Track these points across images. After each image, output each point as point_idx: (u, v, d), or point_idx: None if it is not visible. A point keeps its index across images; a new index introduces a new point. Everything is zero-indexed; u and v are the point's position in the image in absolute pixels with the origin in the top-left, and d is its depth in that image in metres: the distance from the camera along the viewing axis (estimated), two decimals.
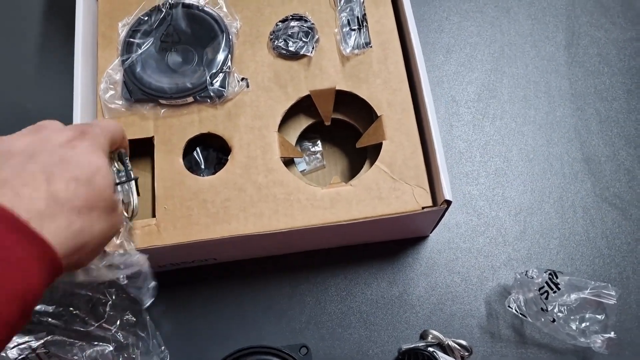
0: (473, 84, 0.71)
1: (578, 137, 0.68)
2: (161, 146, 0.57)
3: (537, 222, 0.65)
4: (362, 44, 0.59)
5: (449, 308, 0.62)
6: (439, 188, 0.52)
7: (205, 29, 0.60)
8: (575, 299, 0.57)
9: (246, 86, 0.58)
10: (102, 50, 0.61)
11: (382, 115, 0.56)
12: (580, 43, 0.73)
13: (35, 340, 0.52)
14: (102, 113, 0.58)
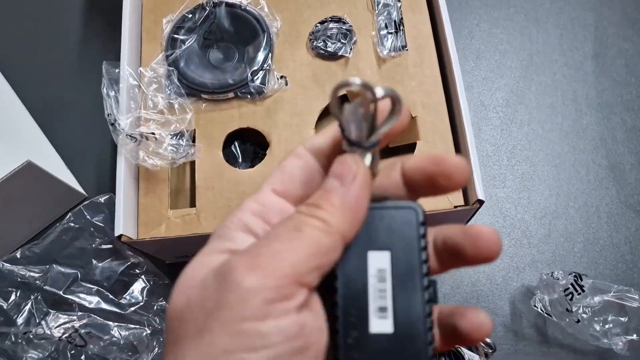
0: (502, 90, 0.73)
1: (604, 145, 0.70)
2: (202, 139, 0.59)
3: (562, 225, 0.66)
4: (399, 47, 0.61)
5: (474, 305, 0.63)
6: (471, 188, 0.53)
7: (247, 28, 0.62)
8: (598, 302, 0.59)
9: (285, 84, 0.60)
10: (146, 44, 0.63)
11: (416, 116, 0.58)
12: (608, 54, 0.74)
13: (77, 320, 0.54)
14: (146, 105, 0.60)
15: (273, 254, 0.23)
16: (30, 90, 0.74)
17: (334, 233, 0.24)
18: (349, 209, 0.25)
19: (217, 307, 0.22)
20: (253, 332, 0.21)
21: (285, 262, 0.23)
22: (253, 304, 0.22)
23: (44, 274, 0.57)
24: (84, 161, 0.70)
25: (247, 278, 0.22)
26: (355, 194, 0.25)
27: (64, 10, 0.80)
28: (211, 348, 0.22)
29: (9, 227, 0.60)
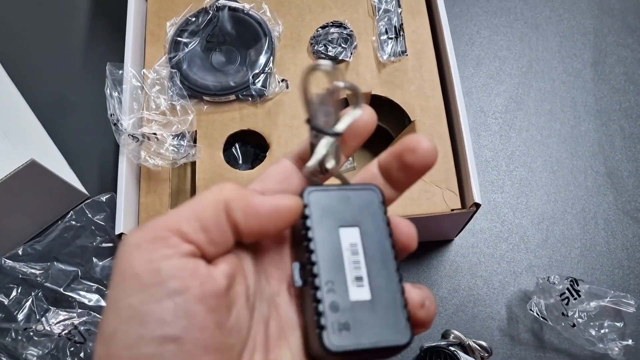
0: (501, 96, 0.73)
1: (602, 152, 0.70)
2: (203, 140, 0.60)
3: (559, 231, 0.67)
4: (399, 52, 0.62)
5: (471, 310, 0.64)
6: (468, 192, 0.54)
7: (250, 32, 0.63)
8: (595, 307, 0.59)
9: (286, 87, 0.61)
10: (149, 47, 0.64)
11: (415, 120, 0.59)
12: (607, 61, 0.75)
13: (77, 317, 0.54)
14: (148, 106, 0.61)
15: (162, 217, 0.24)
16: (35, 90, 0.75)
17: (219, 204, 0.25)
18: (251, 200, 0.26)
19: (114, 269, 0.24)
20: (133, 278, 0.23)
21: (168, 219, 0.24)
22: (133, 256, 0.23)
23: (45, 271, 0.58)
24: (87, 161, 0.71)
25: (131, 237, 0.24)
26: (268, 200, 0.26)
27: (70, 13, 0.82)
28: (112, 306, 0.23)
29: (12, 225, 0.60)
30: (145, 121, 0.59)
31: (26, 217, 0.62)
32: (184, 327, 0.22)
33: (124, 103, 0.58)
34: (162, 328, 0.22)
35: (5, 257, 0.59)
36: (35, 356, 0.57)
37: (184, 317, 0.22)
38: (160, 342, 0.22)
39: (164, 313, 0.22)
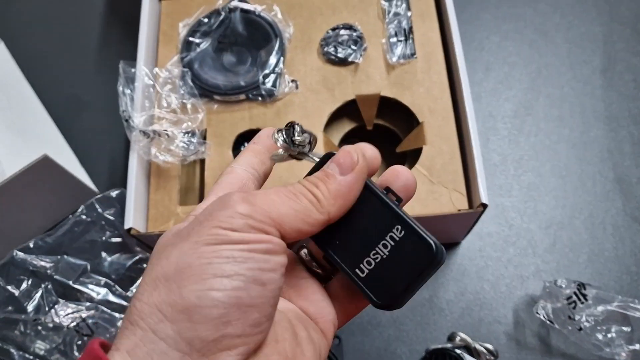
0: (510, 101, 0.73)
1: (611, 158, 0.70)
2: (213, 138, 0.60)
3: (567, 236, 0.66)
4: (408, 54, 0.62)
5: (477, 313, 0.64)
6: (475, 193, 0.54)
7: (261, 33, 0.64)
8: (602, 311, 0.59)
9: (295, 87, 0.62)
10: (162, 47, 0.65)
11: (423, 122, 0.59)
12: (616, 68, 0.75)
13: (85, 311, 0.55)
14: (159, 104, 0.62)
15: (268, 200, 0.26)
16: (49, 90, 0.77)
17: (323, 213, 0.27)
18: (341, 196, 0.28)
19: (207, 218, 0.25)
20: (233, 237, 0.24)
21: (275, 208, 0.26)
22: (238, 223, 0.25)
23: (55, 264, 0.59)
24: (98, 159, 0.72)
25: (241, 205, 0.25)
26: (349, 184, 0.28)
27: (85, 15, 0.83)
28: (195, 245, 0.24)
29: (24, 219, 0.61)
30: (156, 119, 0.59)
31: (38, 212, 0.63)
32: (270, 278, 0.25)
33: (135, 100, 0.59)
34: (255, 271, 0.24)
35: (16, 249, 0.59)
36: (43, 350, 0.57)
37: (271, 270, 0.25)
38: (251, 281, 0.24)
39: (243, 276, 0.24)
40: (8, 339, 0.57)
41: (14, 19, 0.84)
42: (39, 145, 0.69)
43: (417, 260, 0.28)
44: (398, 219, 0.28)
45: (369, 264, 0.28)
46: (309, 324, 0.29)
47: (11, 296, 0.57)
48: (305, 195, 0.27)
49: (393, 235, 0.28)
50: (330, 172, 0.28)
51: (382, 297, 0.28)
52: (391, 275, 0.28)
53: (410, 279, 0.28)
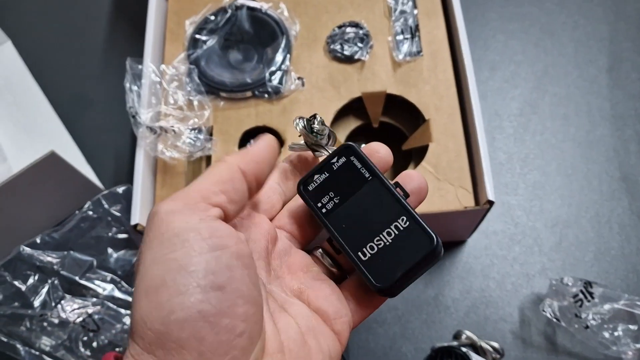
0: (516, 100, 0.73)
1: (617, 157, 0.70)
2: (219, 135, 0.61)
3: (573, 235, 0.66)
4: (414, 52, 0.62)
5: (483, 312, 0.64)
6: (482, 190, 0.54)
7: (267, 31, 0.64)
8: (608, 310, 0.58)
9: (302, 85, 0.62)
10: (169, 44, 0.65)
11: (429, 119, 0.59)
12: (622, 67, 0.75)
13: (91, 306, 0.55)
14: (166, 101, 0.62)
15: (181, 190, 0.27)
16: (56, 88, 0.77)
17: (231, 165, 0.28)
18: (249, 153, 0.29)
19: (146, 234, 0.26)
20: (175, 237, 0.25)
21: (193, 189, 0.27)
22: (169, 220, 0.25)
23: (62, 259, 0.59)
24: (104, 157, 0.73)
25: (163, 206, 0.26)
26: (257, 146, 0.30)
27: (91, 14, 0.83)
28: (152, 258, 0.25)
29: (30, 215, 0.62)
30: (162, 115, 0.60)
31: (44, 208, 0.63)
32: (227, 277, 0.25)
33: (142, 97, 0.59)
34: (209, 277, 0.24)
35: (23, 244, 0.60)
36: (49, 346, 0.57)
37: (226, 269, 0.25)
38: (208, 289, 0.24)
39: (209, 264, 0.24)
40: (14, 334, 0.57)
41: (21, 18, 0.85)
42: (45, 142, 0.69)
43: (417, 250, 0.29)
44: (404, 210, 0.30)
45: (372, 249, 0.30)
46: (320, 331, 0.29)
47: (18, 291, 0.57)
48: (216, 164, 0.29)
49: (398, 225, 0.30)
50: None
51: (381, 281, 0.29)
52: (391, 262, 0.29)
53: (409, 267, 0.29)
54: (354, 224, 0.31)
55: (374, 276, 0.29)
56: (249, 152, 0.30)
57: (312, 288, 0.31)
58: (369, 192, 0.31)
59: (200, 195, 0.26)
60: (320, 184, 0.32)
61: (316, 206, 0.31)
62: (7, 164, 0.66)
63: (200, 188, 0.27)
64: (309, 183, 0.32)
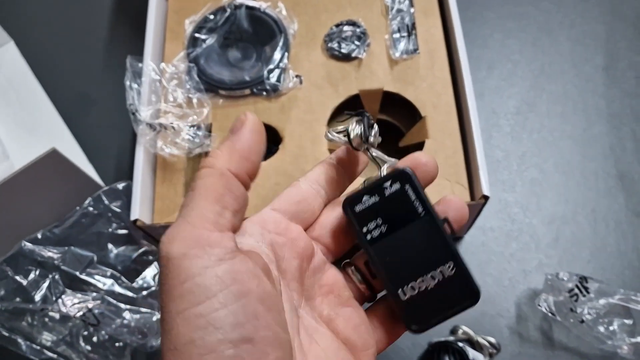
0: (513, 98, 0.74)
1: (613, 154, 0.70)
2: (218, 132, 0.61)
3: (569, 231, 0.67)
4: (411, 50, 0.63)
5: (480, 307, 0.64)
6: (477, 186, 0.55)
7: (266, 29, 0.65)
8: (604, 304, 0.59)
9: (300, 83, 0.63)
10: (169, 43, 0.66)
11: (426, 116, 0.60)
12: (619, 66, 0.75)
13: (92, 301, 0.56)
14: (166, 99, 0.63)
15: (182, 219, 0.25)
16: (58, 87, 0.78)
17: (222, 172, 0.26)
18: (236, 150, 0.27)
19: (161, 285, 0.24)
20: (196, 288, 0.23)
21: (196, 218, 0.25)
22: (186, 266, 0.23)
23: (62, 255, 0.60)
24: (104, 155, 0.73)
25: (174, 248, 0.24)
26: (242, 137, 0.27)
27: (92, 13, 0.84)
28: (169, 315, 0.23)
29: (32, 212, 0.62)
30: (162, 113, 0.60)
31: (45, 205, 0.64)
32: (255, 327, 0.23)
33: (142, 95, 0.60)
34: (237, 330, 0.23)
35: (25, 240, 0.60)
36: (50, 341, 0.58)
37: (253, 318, 0.23)
38: (238, 343, 0.23)
39: (236, 316, 0.23)
40: (16, 329, 0.58)
41: (23, 18, 0.86)
42: (47, 140, 0.70)
43: (459, 301, 0.29)
44: (453, 255, 0.29)
45: (413, 289, 0.29)
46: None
47: (19, 286, 0.58)
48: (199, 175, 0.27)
49: (443, 270, 0.29)
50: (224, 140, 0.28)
51: (417, 323, 0.29)
52: (431, 307, 0.29)
53: (447, 316, 0.30)
54: (399, 259, 0.30)
55: (411, 318, 0.29)
56: (235, 149, 0.27)
57: (342, 316, 0.30)
58: (419, 228, 0.29)
59: (206, 224, 0.25)
60: (368, 207, 0.30)
61: (362, 230, 0.30)
62: (9, 161, 0.67)
63: (202, 214, 0.25)
64: (356, 203, 0.30)
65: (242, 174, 0.27)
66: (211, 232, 0.24)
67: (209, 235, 0.24)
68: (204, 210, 0.25)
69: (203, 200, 0.25)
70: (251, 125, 0.28)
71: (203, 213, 0.25)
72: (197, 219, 0.25)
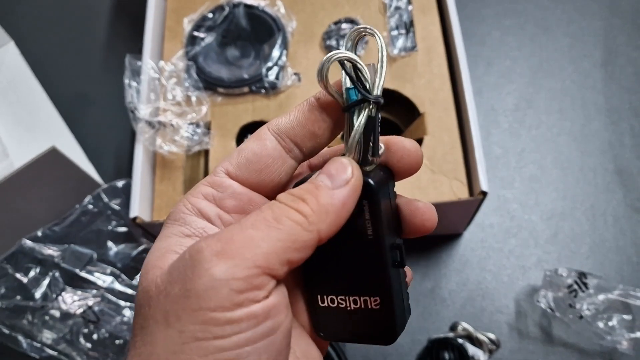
0: (511, 95, 0.74)
1: (611, 150, 0.70)
2: (217, 130, 0.61)
3: (568, 227, 0.67)
4: (409, 47, 0.63)
5: (479, 303, 0.64)
6: (475, 181, 0.55)
7: (264, 27, 0.65)
8: (603, 300, 0.59)
9: (298, 80, 0.63)
10: (168, 42, 0.67)
11: (424, 113, 0.60)
12: (617, 62, 0.75)
13: (92, 298, 0.56)
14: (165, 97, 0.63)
15: (246, 241, 0.22)
16: (57, 86, 0.78)
17: (313, 231, 0.23)
18: (333, 212, 0.24)
19: (185, 295, 0.21)
20: (223, 320, 0.21)
21: (257, 251, 0.22)
22: (222, 294, 0.21)
23: (62, 252, 0.60)
24: (104, 154, 0.74)
25: (217, 267, 0.21)
26: (343, 198, 0.24)
27: (92, 13, 0.85)
28: (181, 336, 0.21)
29: (32, 209, 0.63)
30: (161, 111, 0.61)
31: (45, 203, 0.64)
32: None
33: (141, 93, 0.60)
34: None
35: (25, 237, 0.61)
36: (50, 339, 0.58)
37: (275, 354, 0.22)
38: None
39: (260, 356, 0.22)
40: (16, 327, 0.58)
41: (23, 18, 0.86)
42: (47, 139, 0.70)
43: (371, 335, 0.27)
44: (384, 292, 0.26)
45: (332, 302, 0.27)
46: None
47: (20, 284, 0.58)
48: (289, 215, 0.23)
49: (368, 301, 0.26)
50: (321, 184, 0.24)
51: (325, 333, 0.28)
52: (342, 326, 0.27)
53: (355, 340, 0.27)
54: (330, 268, 0.27)
55: (321, 325, 0.27)
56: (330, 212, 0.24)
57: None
58: (361, 249, 0.26)
59: (265, 265, 0.22)
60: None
61: None
62: (9, 160, 0.67)
63: (267, 252, 0.22)
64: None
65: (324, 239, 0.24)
66: (261, 275, 0.22)
67: (260, 275, 0.22)
68: (270, 251, 0.22)
69: (276, 240, 0.22)
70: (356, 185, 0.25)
71: (267, 252, 0.22)
72: (256, 254, 0.22)
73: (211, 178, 0.26)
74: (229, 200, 0.26)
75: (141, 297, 0.23)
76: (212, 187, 0.26)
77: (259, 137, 0.27)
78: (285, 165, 0.27)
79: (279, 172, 0.27)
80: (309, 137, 0.27)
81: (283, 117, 0.27)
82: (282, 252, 0.22)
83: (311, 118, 0.27)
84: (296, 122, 0.27)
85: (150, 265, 0.24)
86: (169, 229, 0.26)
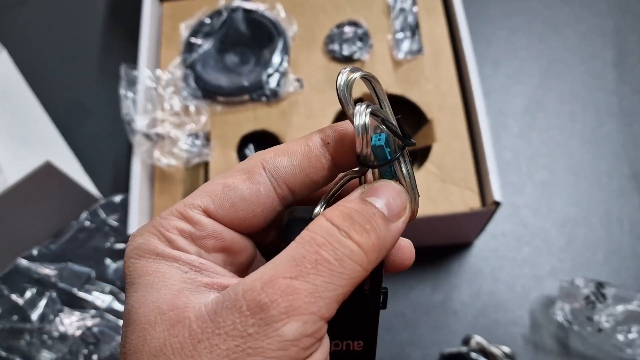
0: (520, 97, 0.72)
1: (626, 154, 0.68)
2: (217, 140, 0.59)
3: (582, 234, 0.65)
4: (415, 50, 0.61)
5: (493, 315, 0.62)
6: (488, 190, 0.53)
7: (264, 32, 0.63)
8: (622, 311, 0.57)
9: (300, 87, 0.61)
10: (164, 49, 0.64)
11: (432, 119, 0.58)
12: (629, 61, 0.73)
13: (90, 319, 0.54)
14: (162, 107, 0.61)
15: (311, 293, 0.20)
16: (51, 96, 0.76)
17: (368, 270, 0.21)
18: (386, 249, 0.22)
19: (246, 352, 0.19)
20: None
21: (322, 303, 0.20)
22: (291, 354, 0.19)
23: (59, 271, 0.58)
24: (101, 166, 0.71)
25: (287, 327, 0.19)
26: (395, 235, 0.22)
27: (86, 21, 0.82)
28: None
29: (27, 226, 0.60)
30: (159, 121, 0.58)
31: (41, 219, 0.62)
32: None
33: (138, 103, 0.58)
34: None
35: (20, 257, 0.58)
36: None
37: None
38: None
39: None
40: (14, 348, 0.56)
41: (16, 27, 0.84)
42: (42, 152, 0.68)
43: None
44: (368, 335, 0.25)
45: None
46: None
47: (15, 305, 0.56)
48: (352, 256, 0.20)
49: (350, 345, 0.25)
50: (379, 212, 0.22)
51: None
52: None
53: None
54: None
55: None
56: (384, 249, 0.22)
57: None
58: (356, 302, 0.24)
59: (329, 314, 0.21)
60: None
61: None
62: (2, 175, 0.65)
63: (332, 301, 0.20)
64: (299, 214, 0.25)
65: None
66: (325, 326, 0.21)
67: (324, 329, 0.21)
68: (336, 301, 0.21)
69: (340, 290, 0.21)
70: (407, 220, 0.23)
71: (333, 303, 0.20)
72: (325, 306, 0.20)
73: (185, 212, 0.23)
74: (209, 240, 0.23)
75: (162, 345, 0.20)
76: (187, 222, 0.23)
77: (252, 178, 0.23)
78: (273, 212, 0.24)
79: (266, 218, 0.24)
80: (308, 185, 0.24)
81: (283, 158, 0.24)
82: (343, 298, 0.21)
83: (317, 166, 0.24)
84: (299, 168, 0.24)
85: (168, 306, 0.20)
86: (154, 265, 0.22)
